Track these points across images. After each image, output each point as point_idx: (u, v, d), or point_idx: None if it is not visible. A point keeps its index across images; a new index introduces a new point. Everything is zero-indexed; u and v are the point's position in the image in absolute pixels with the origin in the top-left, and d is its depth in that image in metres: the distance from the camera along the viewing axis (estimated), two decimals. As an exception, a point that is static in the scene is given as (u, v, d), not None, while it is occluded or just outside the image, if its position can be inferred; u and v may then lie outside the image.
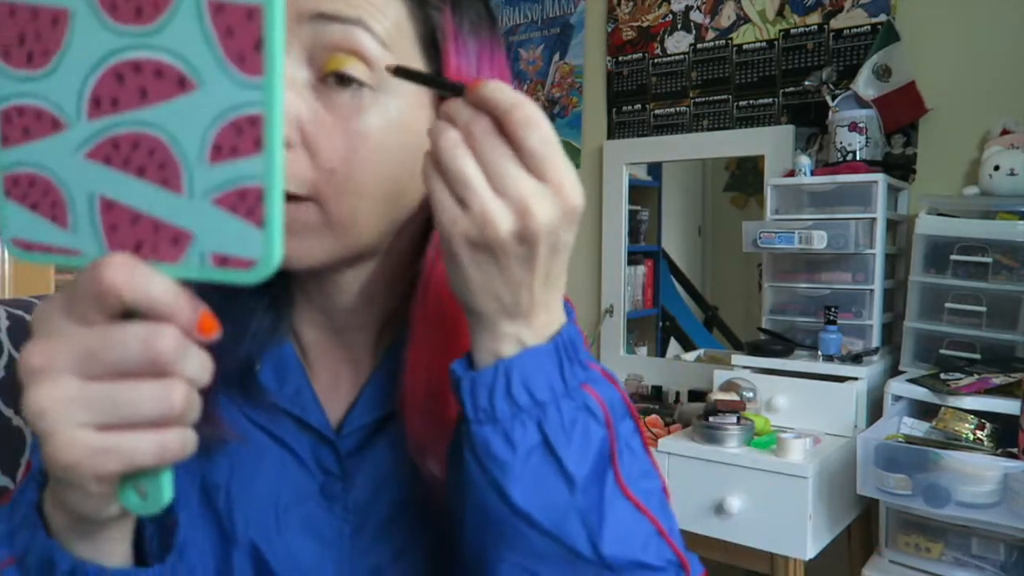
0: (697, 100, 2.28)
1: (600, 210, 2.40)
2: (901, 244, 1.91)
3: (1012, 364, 1.53)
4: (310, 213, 0.49)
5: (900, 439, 1.45)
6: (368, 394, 0.57)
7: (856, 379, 1.65)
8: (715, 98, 2.25)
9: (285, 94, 0.47)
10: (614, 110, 2.45)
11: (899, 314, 1.83)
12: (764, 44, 2.15)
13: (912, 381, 1.54)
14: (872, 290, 1.75)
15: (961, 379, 1.50)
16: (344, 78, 0.48)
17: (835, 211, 1.77)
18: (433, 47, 0.52)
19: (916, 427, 1.51)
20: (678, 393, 2.16)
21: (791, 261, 1.86)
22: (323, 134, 0.48)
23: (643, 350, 2.46)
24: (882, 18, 1.94)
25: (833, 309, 1.72)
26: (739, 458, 1.48)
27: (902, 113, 1.88)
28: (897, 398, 1.56)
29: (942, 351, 1.66)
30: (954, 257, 1.64)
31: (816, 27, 2.06)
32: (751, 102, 2.18)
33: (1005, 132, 1.75)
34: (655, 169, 2.52)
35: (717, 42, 2.23)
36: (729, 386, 1.69)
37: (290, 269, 0.50)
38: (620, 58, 2.42)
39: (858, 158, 1.83)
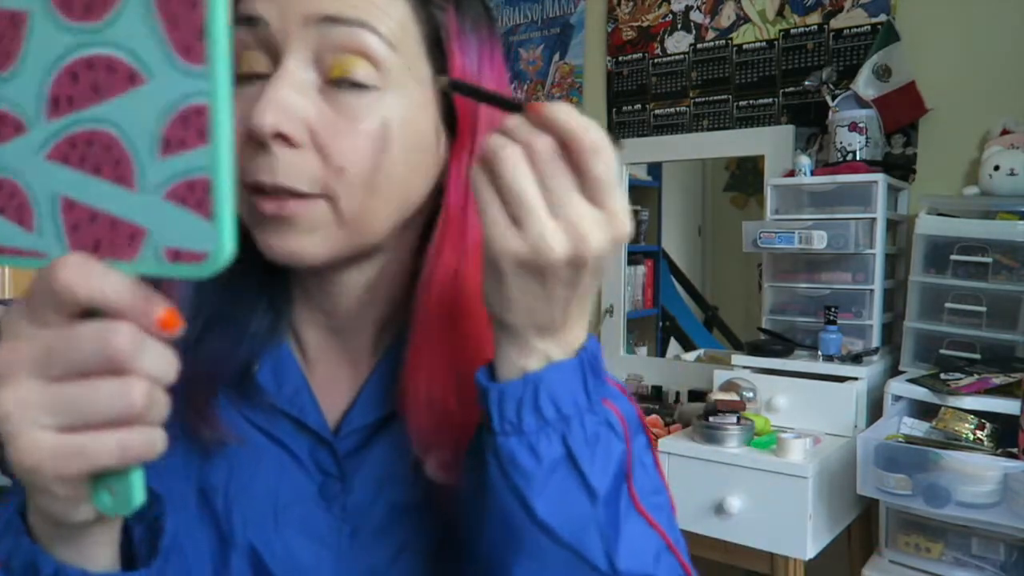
0: (697, 100, 2.28)
1: (600, 210, 2.40)
2: (901, 244, 1.91)
3: (1012, 364, 1.53)
4: (321, 210, 0.49)
5: (900, 439, 1.45)
6: (367, 395, 0.57)
7: (856, 379, 1.65)
8: (715, 98, 2.25)
9: (294, 96, 0.47)
10: (614, 110, 2.45)
11: (899, 314, 1.83)
12: (764, 44, 2.15)
13: (912, 381, 1.54)
14: (872, 290, 1.75)
15: (961, 379, 1.50)
16: (352, 80, 0.48)
17: (835, 211, 1.77)
18: (437, 46, 0.53)
19: (916, 427, 1.51)
20: (678, 393, 2.16)
21: (791, 261, 1.86)
22: (332, 135, 0.48)
23: (643, 350, 2.46)
24: (882, 18, 1.94)
25: (833, 309, 1.72)
26: (739, 458, 1.48)
27: (902, 113, 1.88)
28: (897, 398, 1.56)
29: (942, 351, 1.66)
30: (954, 257, 1.64)
31: (816, 27, 2.06)
32: (751, 102, 2.18)
33: (1005, 132, 1.75)
34: (655, 169, 2.52)
35: (717, 42, 2.23)
36: (729, 386, 1.69)
37: (300, 265, 0.51)
38: (620, 58, 2.42)
39: (858, 158, 1.83)
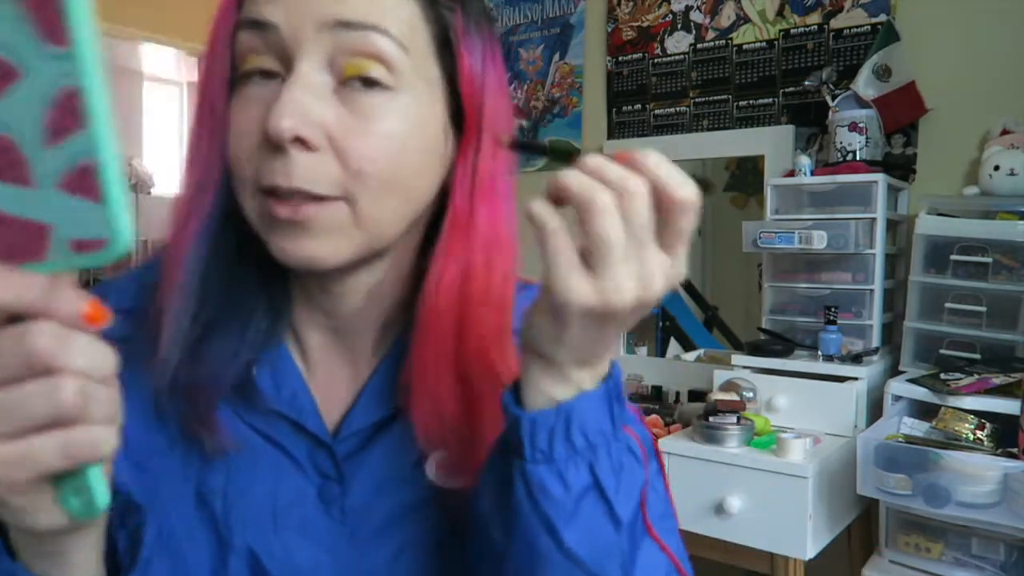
0: (697, 100, 2.28)
1: (600, 210, 2.40)
2: (901, 244, 1.91)
3: (1012, 364, 1.53)
4: (340, 212, 0.49)
5: (900, 439, 1.45)
6: (367, 396, 0.57)
7: (856, 379, 1.65)
8: (715, 98, 2.25)
9: (310, 100, 0.47)
10: (614, 110, 2.45)
11: (899, 314, 1.83)
12: (764, 44, 2.15)
13: (912, 381, 1.54)
14: (872, 290, 1.75)
15: (961, 379, 1.50)
16: (366, 81, 0.49)
17: (835, 211, 1.77)
18: (445, 47, 0.53)
19: (916, 427, 1.51)
20: (678, 393, 2.16)
21: (791, 261, 1.86)
22: (349, 137, 0.48)
23: (643, 350, 2.46)
24: (882, 18, 1.94)
25: (833, 309, 1.72)
26: (739, 458, 1.48)
27: (902, 113, 1.88)
28: (897, 398, 1.56)
29: (942, 351, 1.66)
30: (954, 257, 1.64)
31: (816, 27, 2.06)
32: (751, 102, 2.18)
33: (1005, 132, 1.75)
34: (655, 169, 2.51)
35: (717, 42, 2.23)
36: (729, 386, 1.69)
37: (316, 270, 0.51)
38: (620, 58, 2.42)
39: (858, 158, 1.83)
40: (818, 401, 1.65)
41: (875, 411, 1.63)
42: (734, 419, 1.53)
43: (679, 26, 2.30)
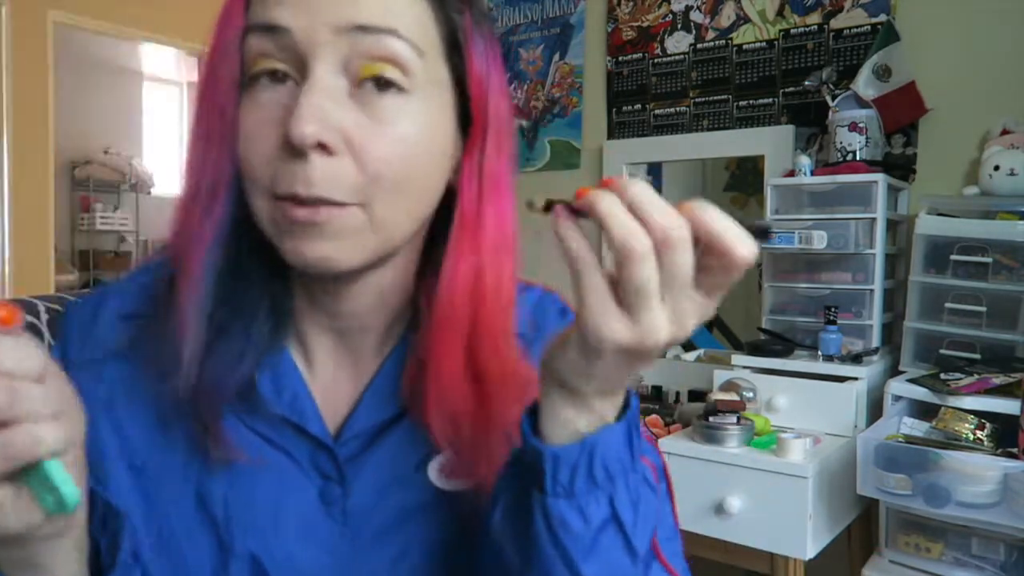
0: (697, 100, 2.28)
1: (600, 210, 2.40)
2: (901, 244, 1.91)
3: (1012, 364, 1.53)
4: (356, 217, 0.49)
5: (900, 439, 1.45)
6: (369, 398, 0.57)
7: (856, 379, 1.65)
8: (715, 98, 2.25)
9: (330, 104, 0.47)
10: (614, 110, 2.45)
11: (899, 314, 1.83)
12: (764, 44, 2.15)
13: (912, 381, 1.54)
14: (872, 290, 1.75)
15: (961, 379, 1.50)
16: (381, 83, 0.49)
17: (835, 211, 1.77)
18: (454, 48, 0.53)
19: (916, 427, 1.51)
20: (678, 393, 2.16)
21: (791, 261, 1.86)
22: (367, 140, 0.48)
23: (643, 350, 2.46)
24: (882, 18, 1.94)
25: (833, 309, 1.72)
26: (739, 458, 1.48)
27: (902, 113, 1.88)
28: (897, 398, 1.56)
29: (942, 351, 1.66)
30: (954, 257, 1.64)
31: (816, 27, 2.06)
32: (751, 102, 2.18)
33: (1005, 132, 1.75)
34: (655, 169, 2.52)
35: (717, 42, 2.23)
36: (729, 386, 1.69)
37: (332, 272, 0.51)
38: (620, 58, 2.42)
39: (858, 158, 1.83)
40: (818, 401, 1.65)
41: (875, 411, 1.63)
42: (734, 419, 1.53)
43: (679, 26, 2.30)
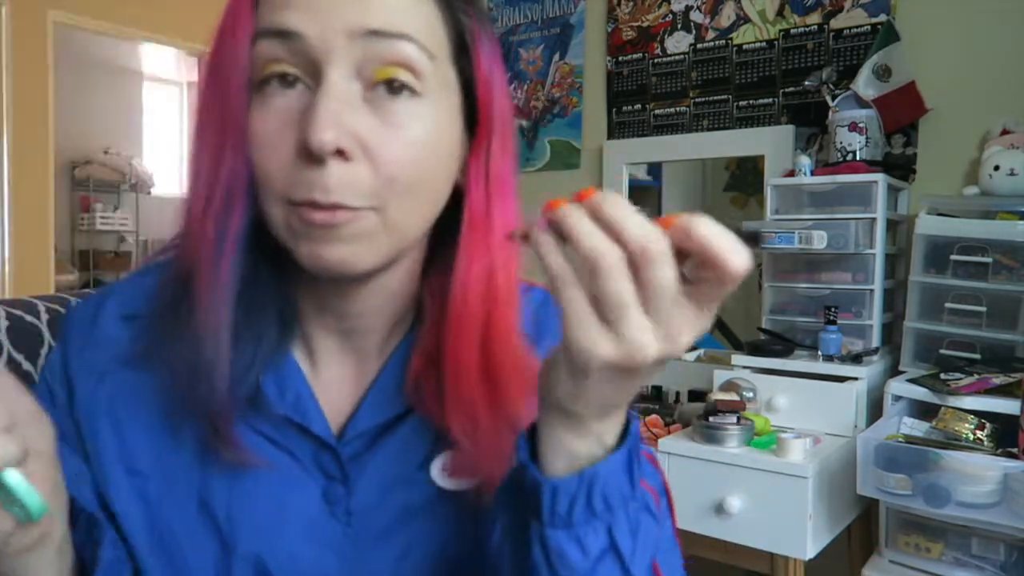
0: (697, 100, 2.28)
1: (600, 210, 2.40)
2: (901, 244, 1.91)
3: (1012, 364, 1.53)
4: (370, 221, 0.50)
5: (900, 439, 1.45)
6: (373, 397, 0.57)
7: (856, 379, 1.65)
8: (715, 98, 2.25)
9: (346, 110, 0.47)
10: (614, 110, 2.45)
11: (899, 314, 1.83)
12: (764, 44, 2.15)
13: (912, 381, 1.54)
14: (872, 290, 1.75)
15: (961, 379, 1.50)
16: (393, 86, 0.49)
17: (835, 211, 1.77)
18: (461, 49, 0.54)
19: (916, 427, 1.51)
20: (678, 393, 2.16)
21: (791, 261, 1.86)
22: (382, 144, 0.49)
23: (643, 350, 2.45)
24: (882, 18, 1.94)
25: (833, 309, 1.72)
26: (739, 458, 1.48)
27: (902, 113, 1.88)
28: (897, 398, 1.56)
29: (942, 351, 1.66)
30: (954, 257, 1.64)
31: (816, 27, 2.06)
32: (751, 102, 2.18)
33: (1005, 132, 1.75)
34: (655, 169, 2.52)
35: (717, 42, 2.23)
36: (729, 386, 1.69)
37: (348, 274, 0.51)
38: (620, 58, 2.42)
39: (858, 158, 1.83)
40: (818, 401, 1.65)
41: (875, 411, 1.63)
42: (734, 419, 1.53)
43: (679, 26, 2.30)
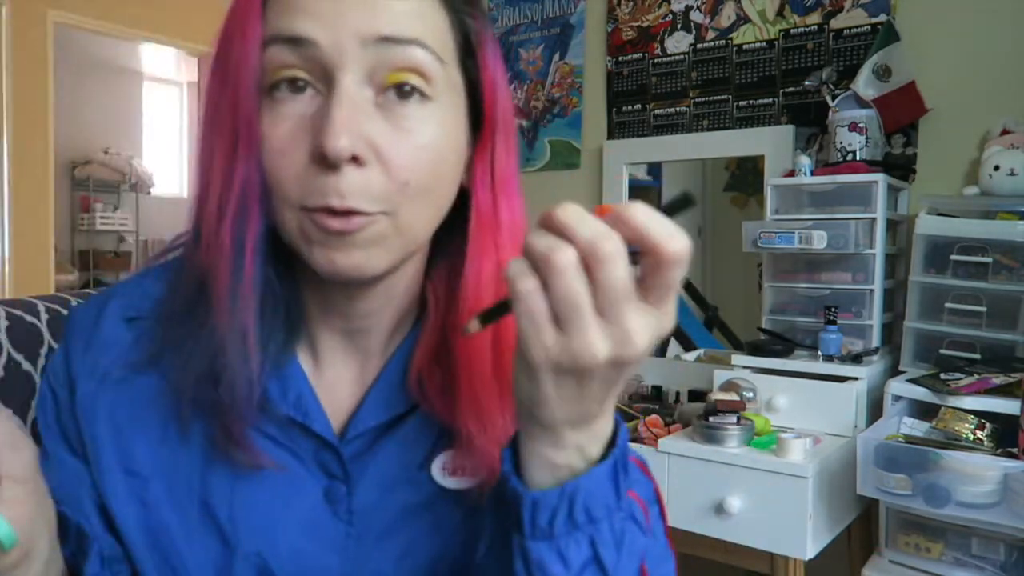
0: (697, 100, 2.28)
1: (600, 210, 2.40)
2: (901, 244, 1.91)
3: (1012, 364, 1.53)
4: (383, 225, 0.50)
5: (900, 439, 1.45)
6: (374, 397, 0.57)
7: (856, 379, 1.65)
8: (715, 98, 2.25)
9: (359, 116, 0.47)
10: (614, 110, 2.45)
11: (899, 314, 1.83)
12: (764, 44, 2.15)
13: (912, 381, 1.54)
14: (872, 290, 1.75)
15: (961, 379, 1.50)
16: (403, 91, 0.49)
17: (835, 211, 1.77)
18: (467, 52, 0.54)
19: (916, 427, 1.51)
20: (678, 393, 2.16)
21: (791, 261, 1.86)
22: (393, 148, 0.49)
23: (643, 350, 2.45)
24: (882, 18, 1.94)
25: (833, 309, 1.72)
26: (739, 458, 1.48)
27: (902, 113, 1.88)
28: (897, 398, 1.56)
29: (942, 351, 1.66)
30: (954, 257, 1.64)
31: (816, 27, 2.06)
32: (751, 102, 2.18)
33: (1005, 132, 1.75)
34: (655, 169, 2.52)
35: (717, 42, 2.23)
36: (729, 386, 1.69)
37: (362, 278, 0.52)
38: (620, 58, 2.42)
39: (858, 158, 1.83)
40: (818, 401, 1.65)
41: (875, 411, 1.63)
42: (734, 419, 1.53)
43: (679, 26, 2.30)
